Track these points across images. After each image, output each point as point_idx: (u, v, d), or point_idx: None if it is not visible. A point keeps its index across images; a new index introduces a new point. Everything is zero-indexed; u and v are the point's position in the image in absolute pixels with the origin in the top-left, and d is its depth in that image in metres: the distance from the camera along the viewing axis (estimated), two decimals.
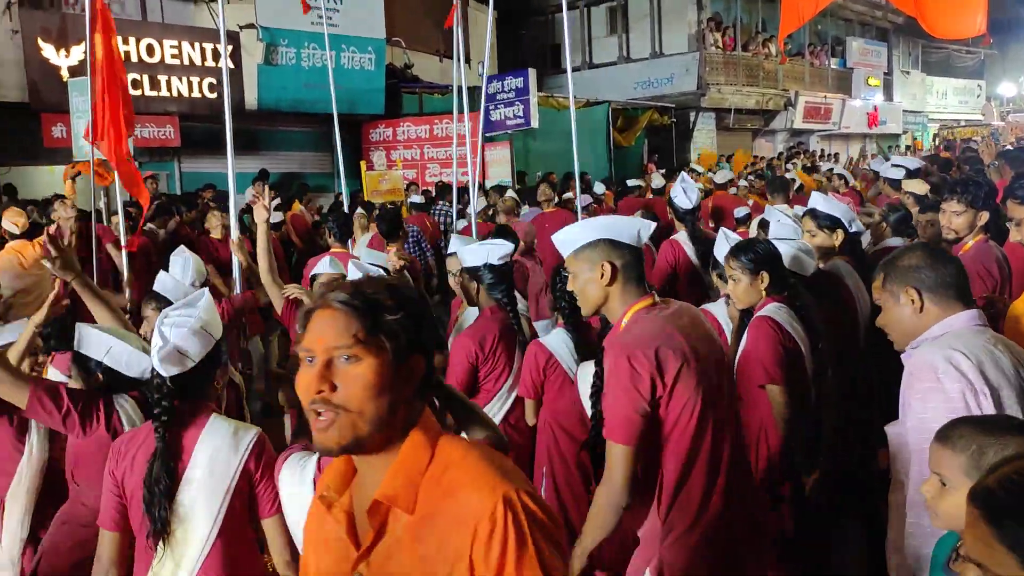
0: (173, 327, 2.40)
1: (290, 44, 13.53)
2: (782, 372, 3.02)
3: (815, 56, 25.24)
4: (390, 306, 1.36)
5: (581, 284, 2.41)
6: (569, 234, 2.43)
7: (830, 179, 10.79)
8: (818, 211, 4.02)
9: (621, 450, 2.23)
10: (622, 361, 2.23)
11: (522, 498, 1.28)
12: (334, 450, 1.34)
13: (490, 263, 3.61)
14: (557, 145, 15.69)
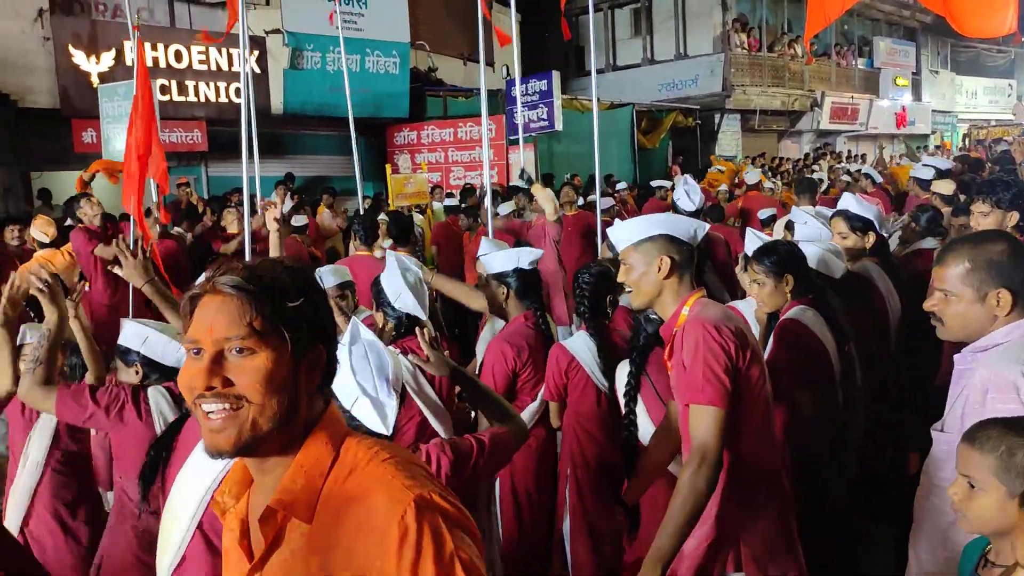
0: None
1: (315, 48, 13.62)
2: (808, 375, 2.99)
3: (842, 56, 25.01)
4: (291, 291, 1.22)
5: (636, 276, 2.47)
6: (628, 228, 2.50)
7: (857, 179, 10.68)
8: (850, 212, 3.96)
9: (712, 412, 2.23)
10: (710, 329, 2.29)
11: (434, 499, 1.17)
12: (228, 452, 1.20)
13: (520, 268, 3.58)
14: (581, 147, 15.67)
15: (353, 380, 2.11)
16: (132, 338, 2.94)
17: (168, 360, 2.91)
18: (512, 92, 13.17)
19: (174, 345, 2.90)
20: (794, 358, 3.01)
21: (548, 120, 12.80)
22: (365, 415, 2.10)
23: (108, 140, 9.63)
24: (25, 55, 11.07)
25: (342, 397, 2.14)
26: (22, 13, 11.01)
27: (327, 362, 1.29)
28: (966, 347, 2.19)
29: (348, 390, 2.12)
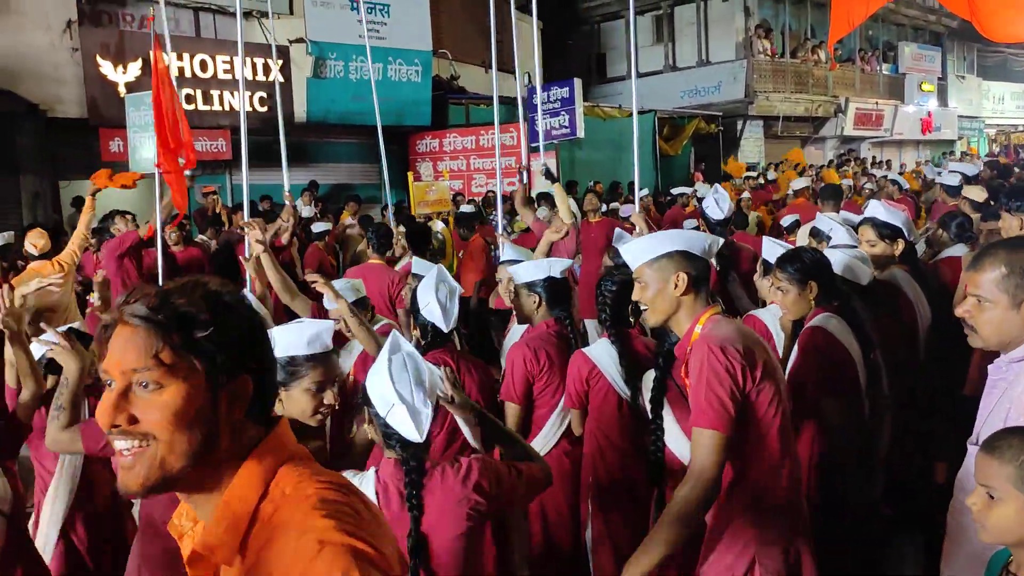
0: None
1: (338, 57, 13.72)
2: (833, 384, 2.96)
3: (866, 62, 24.83)
4: (203, 320, 1.14)
5: (652, 294, 2.45)
6: (642, 245, 2.48)
7: (883, 186, 10.59)
8: (878, 220, 3.90)
9: (711, 436, 2.23)
10: (715, 351, 2.27)
11: (348, 541, 1.09)
12: (137, 492, 1.14)
13: (552, 276, 3.57)
14: (603, 154, 15.67)
15: (391, 387, 2.15)
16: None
17: None
18: (533, 100, 13.21)
19: None
20: (819, 366, 2.97)
21: (570, 127, 12.79)
22: (400, 421, 2.14)
23: (135, 149, 9.72)
24: (54, 66, 11.24)
25: (378, 404, 2.19)
26: (52, 25, 11.18)
27: (260, 390, 1.22)
28: (1001, 356, 2.13)
29: (385, 397, 2.16)
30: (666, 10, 22.98)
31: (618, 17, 23.29)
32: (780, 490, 2.35)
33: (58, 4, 11.24)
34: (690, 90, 22.03)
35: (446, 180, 13.37)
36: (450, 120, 15.48)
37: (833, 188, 7.57)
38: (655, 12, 23.22)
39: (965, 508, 2.15)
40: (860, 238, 3.96)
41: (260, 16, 13.10)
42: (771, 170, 18.51)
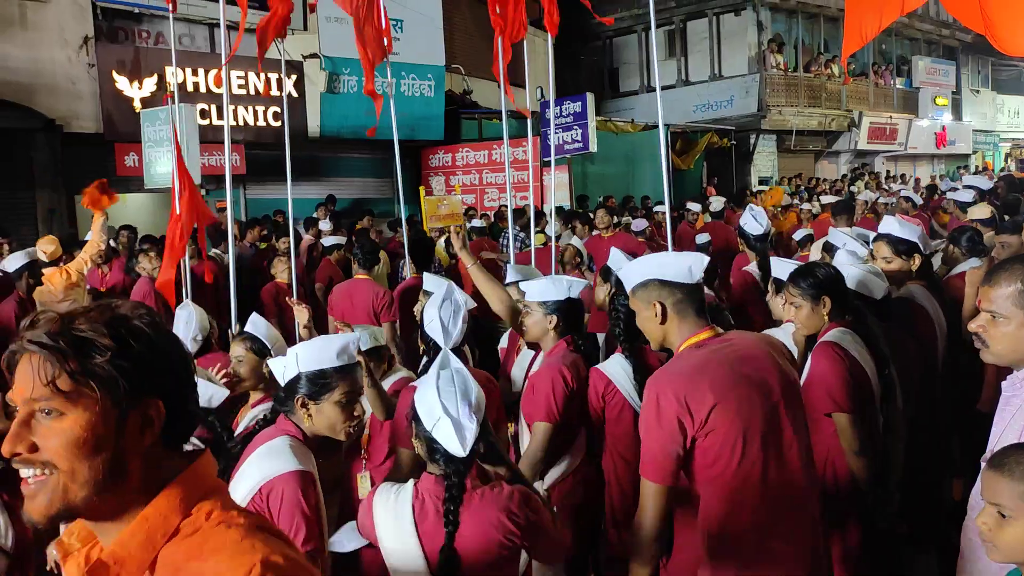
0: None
1: (352, 72, 13.80)
2: (848, 399, 2.92)
3: (879, 76, 24.77)
4: (103, 345, 1.11)
5: (642, 321, 2.50)
6: (627, 273, 2.52)
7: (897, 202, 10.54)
8: (893, 236, 3.88)
9: (651, 488, 2.27)
10: (651, 399, 2.30)
11: (281, 562, 1.10)
12: (41, 522, 1.12)
13: (572, 297, 3.49)
14: (615, 168, 15.68)
15: (438, 401, 2.21)
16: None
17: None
18: (547, 114, 13.23)
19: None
20: (831, 382, 2.94)
21: (582, 142, 12.81)
22: (445, 435, 2.19)
23: (150, 163, 9.82)
24: (71, 82, 11.36)
25: (425, 418, 2.24)
26: (69, 41, 11.31)
27: (170, 417, 1.18)
28: (1015, 373, 2.10)
29: (432, 411, 2.22)
30: (678, 25, 23.04)
31: (630, 32, 23.36)
32: (746, 528, 2.26)
33: (75, 20, 11.37)
34: (703, 104, 22.04)
35: (458, 194, 13.39)
36: (463, 134, 15.53)
37: (845, 203, 7.57)
38: (667, 27, 23.28)
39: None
40: (876, 254, 3.92)
41: None
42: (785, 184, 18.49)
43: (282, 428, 2.47)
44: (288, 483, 2.27)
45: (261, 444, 2.43)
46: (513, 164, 14.05)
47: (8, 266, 6.13)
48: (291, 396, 2.49)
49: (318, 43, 13.49)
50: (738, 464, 2.23)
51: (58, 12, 11.20)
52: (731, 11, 22.12)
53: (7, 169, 10.90)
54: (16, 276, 6.06)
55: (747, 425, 2.25)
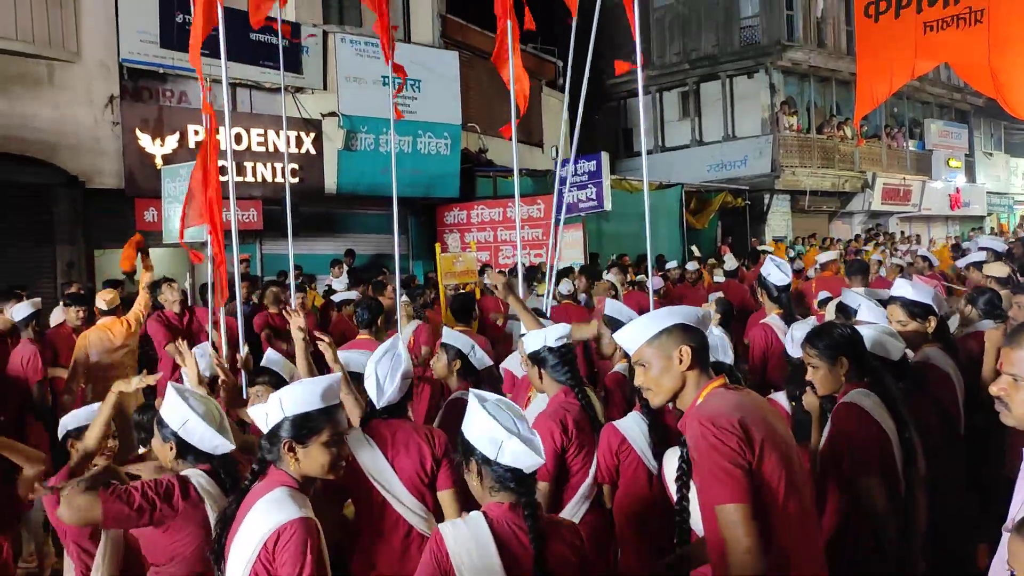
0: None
1: (369, 131, 14.02)
2: (870, 462, 2.86)
3: (892, 138, 24.94)
4: None
5: (656, 373, 2.40)
6: (638, 327, 2.44)
7: (913, 262, 10.52)
8: (907, 299, 3.83)
9: (735, 510, 2.14)
10: (707, 427, 2.21)
11: None
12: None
13: (548, 346, 3.54)
14: (630, 227, 15.74)
15: (497, 425, 2.21)
16: (172, 415, 2.87)
17: (204, 447, 2.87)
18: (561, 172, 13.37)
19: (211, 433, 2.85)
20: (853, 444, 2.88)
21: (597, 200, 12.91)
22: (516, 455, 2.19)
23: (168, 219, 9.91)
24: (95, 139, 11.58)
25: (487, 448, 2.23)
26: (95, 100, 11.56)
27: None
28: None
29: (493, 437, 2.21)
30: (692, 86, 23.38)
31: (645, 93, 23.69)
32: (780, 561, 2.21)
33: (102, 80, 11.64)
34: (716, 164, 22.22)
35: (473, 251, 13.47)
36: (478, 192, 15.69)
37: (860, 264, 7.53)
38: (681, 88, 23.63)
39: None
40: (890, 318, 3.87)
41: (295, 91, 13.50)
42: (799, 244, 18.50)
43: (276, 480, 2.45)
44: (294, 530, 2.28)
45: (258, 498, 2.41)
46: (528, 221, 14.20)
47: (15, 315, 6.45)
48: (276, 441, 2.47)
49: (337, 102, 13.77)
50: (782, 505, 2.21)
51: (86, 72, 11.48)
52: (744, 74, 22.44)
53: (28, 223, 11.07)
54: (23, 325, 6.41)
55: (787, 470, 2.24)
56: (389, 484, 3.01)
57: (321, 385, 2.53)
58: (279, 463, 2.47)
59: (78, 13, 11.33)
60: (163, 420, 2.91)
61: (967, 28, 7.20)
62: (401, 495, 3.01)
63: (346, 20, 14.82)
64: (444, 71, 15.22)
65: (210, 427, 2.86)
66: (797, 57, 22.18)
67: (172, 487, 2.72)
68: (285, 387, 2.64)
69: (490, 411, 2.24)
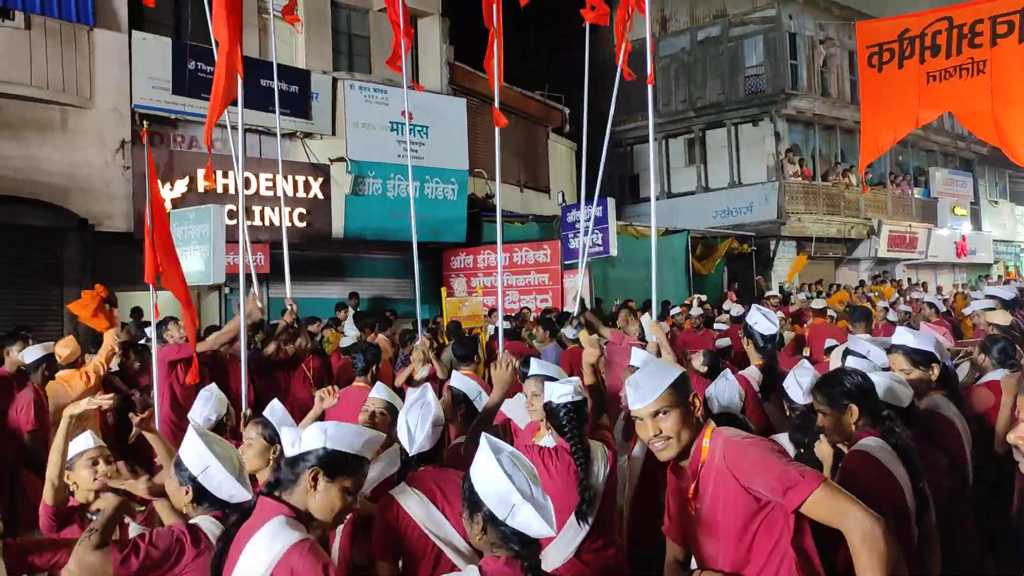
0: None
1: (377, 176, 14.15)
2: (882, 511, 2.79)
3: (897, 186, 25.05)
4: None
5: (678, 424, 2.41)
6: (654, 379, 2.44)
7: (920, 309, 10.49)
8: (909, 347, 3.78)
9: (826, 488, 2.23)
10: (755, 438, 2.31)
11: None
12: None
13: (551, 402, 3.44)
14: (636, 273, 15.76)
15: (510, 486, 2.09)
16: (192, 459, 2.82)
17: (221, 494, 2.81)
18: (568, 218, 13.44)
19: (231, 481, 2.80)
20: (865, 493, 2.82)
21: (603, 246, 12.95)
22: (528, 520, 2.08)
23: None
24: (105, 183, 11.71)
25: (497, 508, 2.11)
26: (107, 145, 11.71)
27: None
28: None
29: (505, 498, 2.10)
30: (698, 134, 23.59)
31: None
32: None
33: (114, 125, 11.80)
34: (722, 210, 22.32)
35: (479, 296, 13.49)
36: (484, 237, 15.75)
37: (863, 310, 7.49)
38: (687, 135, 23.83)
39: None
40: (892, 366, 3.83)
41: (304, 136, 13.66)
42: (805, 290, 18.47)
43: (270, 510, 2.41)
44: (300, 553, 2.26)
45: (252, 532, 2.36)
46: (535, 266, 14.24)
47: (26, 358, 6.22)
48: (300, 467, 2.43)
49: (345, 147, 13.91)
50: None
51: (98, 117, 11.64)
52: (749, 121, 22.65)
53: (37, 265, 11.13)
54: (33, 368, 6.17)
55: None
56: (446, 535, 2.96)
57: (368, 435, 2.53)
58: (286, 490, 2.44)
59: (93, 60, 11.53)
60: (182, 463, 2.84)
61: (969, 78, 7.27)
62: (459, 544, 2.95)
63: (355, 67, 15.05)
64: (452, 117, 15.40)
65: (230, 475, 2.81)
66: (801, 105, 22.39)
67: (183, 539, 2.65)
68: (333, 422, 2.61)
69: (505, 468, 2.12)
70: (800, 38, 22.46)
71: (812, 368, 4.09)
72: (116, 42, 11.72)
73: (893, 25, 8.17)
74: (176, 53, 12.15)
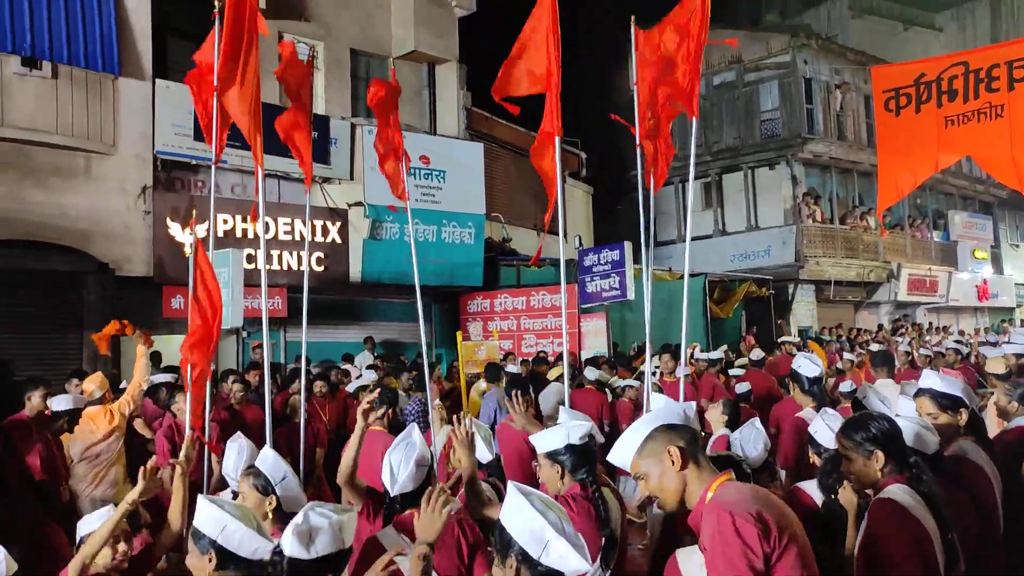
0: (320, 516, 2.45)
1: (394, 220, 14.24)
2: (912, 564, 2.71)
3: (916, 229, 24.94)
4: None
5: (656, 482, 2.40)
6: (624, 443, 2.44)
7: (943, 354, 10.35)
8: (936, 391, 3.71)
9: None
10: (725, 520, 2.18)
11: None
12: None
13: (571, 444, 3.35)
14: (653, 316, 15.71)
15: (546, 524, 2.06)
16: (209, 523, 2.76)
17: (244, 551, 2.75)
18: (585, 261, 13.43)
19: (252, 535, 2.76)
20: (891, 543, 2.74)
21: (620, 289, 12.90)
22: (561, 556, 2.05)
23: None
24: (127, 228, 11.84)
25: (531, 546, 2.08)
26: (128, 190, 11.87)
27: None
28: None
29: (538, 535, 2.06)
30: (715, 177, 23.66)
31: (667, 183, 23.98)
32: None
33: (136, 171, 11.96)
34: (740, 254, 22.28)
35: (495, 340, 13.45)
36: (501, 281, 15.77)
37: (884, 355, 7.41)
38: (704, 179, 23.90)
39: None
40: (919, 411, 3.76)
41: (323, 181, 13.79)
42: (824, 334, 18.32)
43: None
44: None
45: None
46: (551, 310, 14.20)
47: (55, 405, 6.18)
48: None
49: (363, 192, 14.03)
50: None
51: (121, 164, 11.81)
52: (765, 165, 22.70)
53: (57, 310, 11.21)
54: (55, 417, 6.13)
55: (805, 563, 2.21)
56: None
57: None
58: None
59: (116, 108, 11.73)
60: (199, 532, 2.79)
61: (988, 122, 7.26)
62: None
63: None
64: (469, 162, 15.52)
65: (250, 529, 2.77)
66: (818, 149, 22.43)
67: None
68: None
69: (537, 507, 2.10)
70: (815, 83, 22.58)
71: (838, 414, 4.06)
72: (140, 90, 11.94)
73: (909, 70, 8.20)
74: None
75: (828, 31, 27.12)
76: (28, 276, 10.89)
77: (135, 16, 11.92)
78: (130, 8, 11.87)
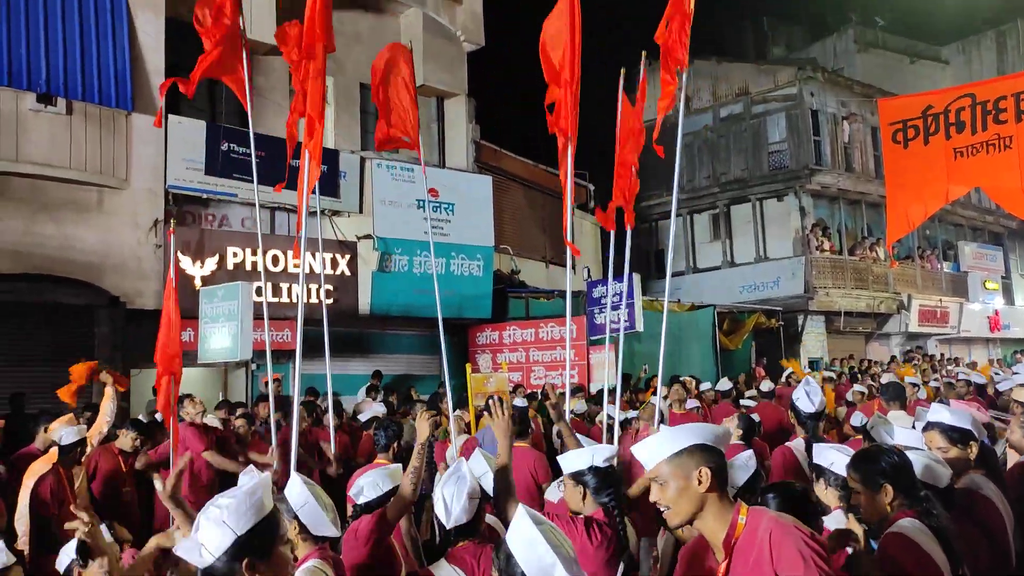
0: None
1: (403, 252, 14.29)
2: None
3: (926, 260, 24.87)
4: None
5: (673, 493, 2.34)
6: (659, 440, 2.39)
7: (954, 385, 10.26)
8: (945, 424, 3.70)
9: None
10: (805, 534, 2.19)
11: None
12: None
13: (595, 466, 3.44)
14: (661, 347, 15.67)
15: (551, 552, 2.06)
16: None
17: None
18: (593, 293, 13.44)
19: (323, 518, 3.16)
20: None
21: (629, 321, 12.88)
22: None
23: (205, 338, 10.09)
24: (138, 261, 11.91)
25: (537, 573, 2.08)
26: (139, 224, 11.96)
27: None
28: None
29: (545, 563, 2.06)
30: (723, 208, 23.70)
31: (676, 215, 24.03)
32: None
33: (148, 205, 12.05)
34: (749, 285, 22.23)
35: (504, 372, 13.42)
36: (510, 313, 15.77)
37: (897, 387, 7.32)
38: (712, 211, 23.94)
39: None
40: (929, 445, 3.73)
41: (332, 214, 13.87)
42: (836, 365, 18.20)
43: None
44: None
45: None
46: (560, 342, 14.17)
47: (64, 438, 6.20)
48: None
49: (372, 225, 14.11)
50: None
51: (133, 198, 11.92)
52: (774, 197, 22.74)
53: (68, 342, 11.25)
54: (67, 450, 6.15)
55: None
56: None
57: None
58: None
59: (130, 143, 11.86)
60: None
61: (996, 154, 7.29)
62: None
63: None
64: (477, 194, 15.60)
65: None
66: (826, 181, 22.47)
67: None
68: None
69: (546, 536, 2.09)
70: (822, 114, 22.68)
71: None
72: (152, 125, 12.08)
73: (916, 102, 8.24)
74: (210, 135, 12.48)
75: (834, 65, 27.32)
76: (40, 309, 10.96)
77: (149, 54, 12.09)
78: (144, 46, 12.04)
